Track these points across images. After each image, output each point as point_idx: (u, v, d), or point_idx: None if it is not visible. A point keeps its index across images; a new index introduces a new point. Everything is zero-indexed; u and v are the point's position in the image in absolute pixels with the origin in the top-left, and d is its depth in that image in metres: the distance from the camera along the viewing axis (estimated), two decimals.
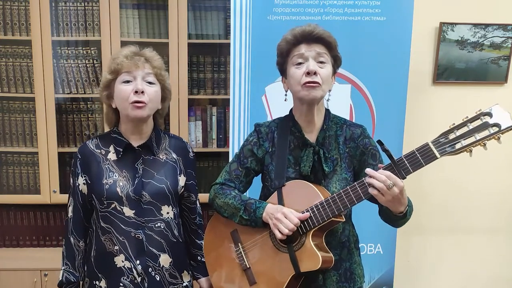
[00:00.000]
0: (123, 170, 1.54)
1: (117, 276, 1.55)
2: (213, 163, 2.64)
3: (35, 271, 2.39)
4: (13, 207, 2.58)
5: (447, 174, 2.69)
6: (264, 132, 1.58)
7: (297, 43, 1.46)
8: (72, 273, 1.59)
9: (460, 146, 1.26)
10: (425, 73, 2.65)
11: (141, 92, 1.48)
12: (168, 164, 1.60)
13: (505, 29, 2.58)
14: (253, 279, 1.50)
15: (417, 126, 2.61)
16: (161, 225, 1.56)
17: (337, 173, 1.50)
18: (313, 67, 1.42)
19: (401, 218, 1.39)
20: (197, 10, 2.49)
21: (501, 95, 2.68)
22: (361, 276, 1.59)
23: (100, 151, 1.57)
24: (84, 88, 2.49)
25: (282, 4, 2.17)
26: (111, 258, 1.54)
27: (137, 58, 1.50)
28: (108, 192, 1.52)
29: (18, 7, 2.42)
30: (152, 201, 1.55)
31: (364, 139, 1.52)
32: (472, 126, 1.26)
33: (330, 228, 1.46)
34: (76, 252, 1.59)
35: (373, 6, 2.18)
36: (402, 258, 2.67)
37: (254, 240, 1.52)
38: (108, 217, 1.54)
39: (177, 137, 1.70)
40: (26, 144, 2.54)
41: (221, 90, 2.56)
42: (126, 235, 1.53)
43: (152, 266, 1.55)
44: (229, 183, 1.57)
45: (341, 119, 1.57)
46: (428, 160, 1.28)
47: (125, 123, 1.56)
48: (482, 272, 2.87)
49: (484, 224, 2.82)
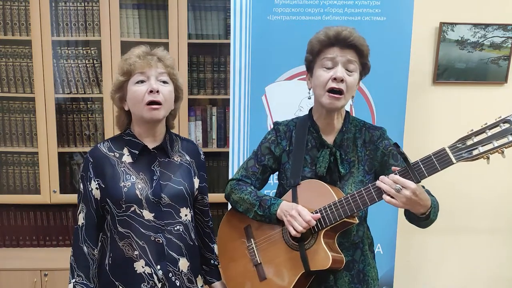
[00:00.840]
0: (140, 172, 1.50)
1: (137, 282, 1.48)
2: (213, 163, 2.64)
3: (35, 271, 2.39)
4: (13, 207, 2.58)
5: (447, 174, 2.66)
6: (282, 131, 1.58)
7: (329, 45, 1.44)
8: (86, 284, 1.49)
9: (477, 153, 1.24)
10: (425, 73, 2.65)
11: (156, 92, 1.44)
12: (183, 166, 1.57)
13: (505, 29, 2.58)
14: (264, 275, 1.52)
15: (417, 126, 2.61)
16: (180, 228, 1.52)
17: (354, 175, 1.50)
18: (341, 73, 1.41)
19: (424, 219, 1.38)
20: (197, 10, 2.49)
21: (501, 95, 2.68)
22: (375, 279, 1.59)
23: (113, 154, 1.51)
24: (84, 88, 2.49)
25: (282, 4, 2.17)
26: (131, 264, 1.48)
27: (150, 58, 1.47)
28: (126, 195, 1.46)
29: (18, 7, 2.42)
30: (171, 203, 1.51)
31: (384, 141, 1.52)
32: (490, 132, 1.24)
33: (343, 229, 1.47)
34: (91, 261, 1.51)
35: (373, 6, 2.18)
36: (402, 258, 2.67)
37: (266, 237, 1.54)
38: (126, 221, 1.48)
39: (188, 140, 1.67)
40: (26, 144, 2.54)
41: (221, 90, 2.56)
42: (146, 239, 1.47)
43: (172, 271, 1.50)
44: (246, 179, 1.59)
45: (361, 122, 1.57)
46: (444, 165, 1.27)
47: (139, 125, 1.52)
48: (482, 272, 2.87)
49: (484, 224, 2.82)
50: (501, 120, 1.23)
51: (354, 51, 1.43)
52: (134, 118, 1.53)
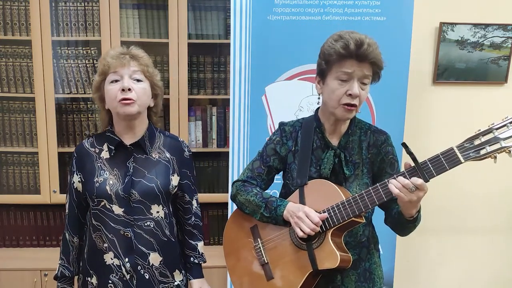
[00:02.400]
0: (114, 168, 1.56)
1: (107, 273, 1.57)
2: (213, 163, 2.63)
3: (35, 271, 2.39)
4: (13, 207, 2.58)
5: (447, 174, 2.68)
6: (288, 131, 1.59)
7: (348, 57, 1.39)
8: (67, 267, 1.63)
9: (484, 152, 1.26)
10: (425, 73, 2.65)
11: (128, 90, 1.49)
12: (161, 163, 1.60)
13: (505, 29, 2.58)
14: (271, 274, 1.53)
15: (417, 126, 2.61)
16: (151, 224, 1.57)
17: (359, 177, 1.51)
18: (357, 90, 1.39)
19: (411, 222, 1.40)
20: (197, 10, 2.49)
21: (501, 95, 2.68)
22: (381, 277, 1.60)
23: (94, 150, 1.59)
24: (84, 88, 2.49)
25: (282, 4, 2.17)
26: (101, 255, 1.57)
27: (123, 57, 1.52)
28: (98, 190, 1.54)
29: (18, 7, 2.42)
30: (142, 200, 1.55)
31: (387, 147, 1.53)
32: (498, 132, 1.26)
33: (350, 228, 1.47)
34: (71, 247, 1.63)
35: (373, 6, 2.18)
36: (402, 258, 2.67)
37: (273, 237, 1.54)
38: (98, 215, 1.56)
39: (173, 136, 1.69)
40: (26, 144, 2.54)
41: (221, 90, 2.56)
42: (115, 233, 1.55)
43: (141, 264, 1.56)
44: (251, 180, 1.60)
45: (366, 124, 1.57)
46: (452, 164, 1.29)
47: (118, 122, 1.58)
48: (482, 272, 2.87)
49: (484, 224, 2.82)
50: (508, 121, 1.25)
51: (371, 66, 1.41)
52: (113, 115, 1.59)
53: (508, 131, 1.25)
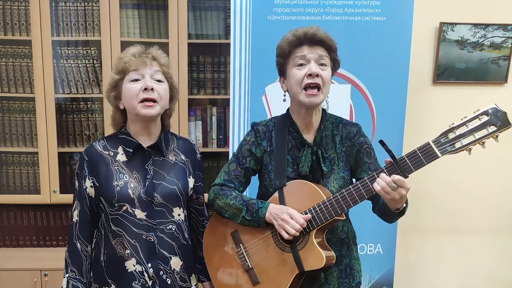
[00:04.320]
0: (133, 171, 1.51)
1: (128, 281, 1.50)
2: (213, 163, 2.64)
3: (35, 271, 2.39)
4: (13, 207, 2.58)
5: (447, 174, 2.69)
6: (262, 131, 1.58)
7: (299, 45, 1.46)
8: (79, 280, 1.53)
9: (460, 145, 1.30)
10: (425, 73, 2.65)
11: (151, 89, 1.45)
12: (178, 165, 1.57)
13: (505, 29, 2.58)
14: (256, 279, 1.51)
15: (417, 126, 2.61)
16: (173, 227, 1.53)
17: (335, 172, 1.51)
18: (316, 69, 1.43)
19: (397, 214, 1.42)
20: (197, 10, 2.49)
21: (501, 95, 2.68)
22: (359, 271, 1.61)
23: (108, 153, 1.53)
24: (84, 88, 2.49)
25: (282, 4, 2.18)
26: (122, 263, 1.50)
27: (145, 56, 1.48)
28: (119, 194, 1.48)
29: (18, 7, 2.42)
30: (164, 203, 1.52)
31: (360, 138, 1.54)
32: (471, 125, 1.30)
33: (331, 226, 1.48)
34: (84, 257, 1.54)
35: (373, 6, 2.18)
36: (402, 258, 2.67)
37: (255, 241, 1.52)
38: (119, 220, 1.49)
39: (184, 139, 1.67)
40: (26, 144, 2.54)
41: (221, 90, 2.56)
42: (137, 238, 1.49)
43: (163, 269, 1.52)
44: (229, 183, 1.57)
45: (337, 118, 1.58)
46: (430, 159, 1.31)
47: (134, 123, 1.53)
48: (482, 272, 2.87)
49: (483, 224, 2.82)
50: (479, 113, 1.29)
51: (323, 47, 1.47)
52: (129, 116, 1.54)
53: (479, 123, 1.28)
